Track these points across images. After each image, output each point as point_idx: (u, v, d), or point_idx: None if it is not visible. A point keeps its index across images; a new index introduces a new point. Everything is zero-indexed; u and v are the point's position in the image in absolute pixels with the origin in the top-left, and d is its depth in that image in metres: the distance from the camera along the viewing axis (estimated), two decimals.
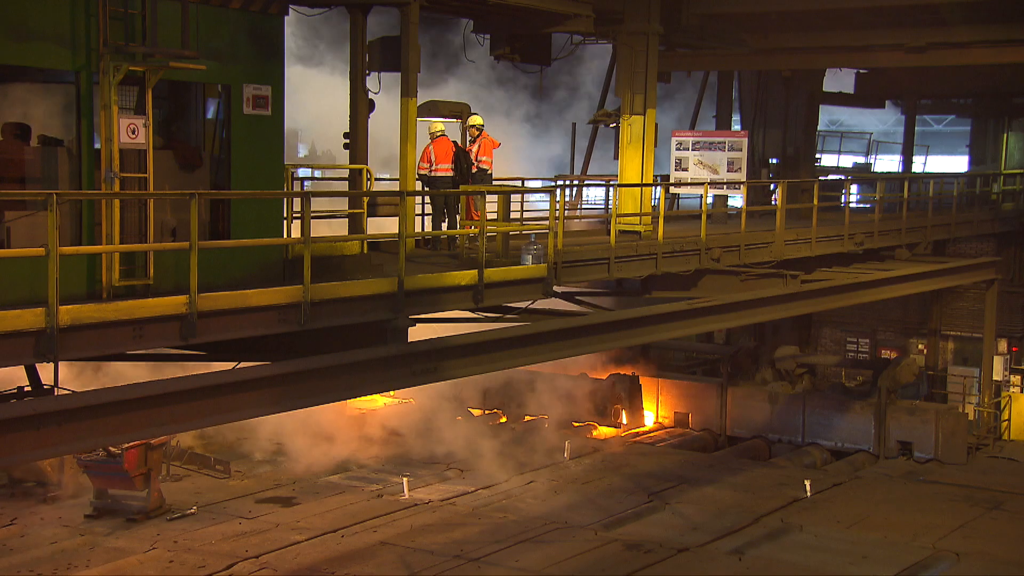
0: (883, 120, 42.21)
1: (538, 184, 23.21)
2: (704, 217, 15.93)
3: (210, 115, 10.10)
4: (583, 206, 26.73)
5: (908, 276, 19.75)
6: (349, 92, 13.40)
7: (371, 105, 13.30)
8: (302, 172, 16.39)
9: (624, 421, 23.53)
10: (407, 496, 18.48)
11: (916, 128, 30.63)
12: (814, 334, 26.81)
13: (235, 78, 9.80)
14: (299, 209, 10.53)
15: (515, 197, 19.33)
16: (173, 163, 9.69)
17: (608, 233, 14.34)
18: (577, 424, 23.64)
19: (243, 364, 10.22)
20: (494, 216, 13.65)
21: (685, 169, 19.51)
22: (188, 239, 8.82)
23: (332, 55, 25.83)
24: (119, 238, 8.95)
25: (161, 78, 9.16)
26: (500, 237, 12.97)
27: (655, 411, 24.30)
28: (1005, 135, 28.68)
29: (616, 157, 17.69)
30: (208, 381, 9.41)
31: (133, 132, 8.99)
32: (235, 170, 9.96)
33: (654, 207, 16.61)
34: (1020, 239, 25.15)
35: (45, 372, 9.53)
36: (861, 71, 28.02)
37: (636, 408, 23.86)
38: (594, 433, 23.47)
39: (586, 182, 25.85)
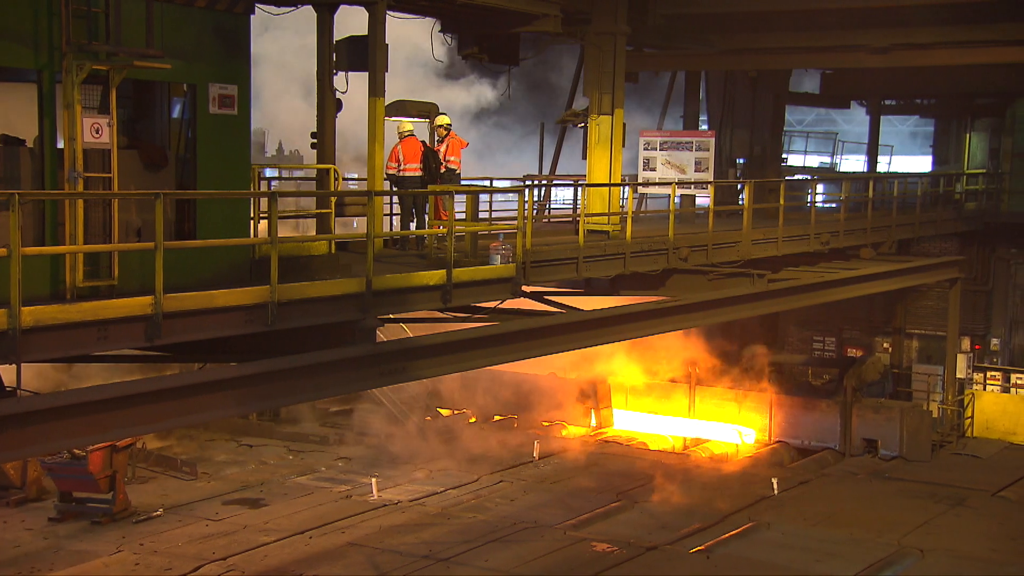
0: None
1: (506, 184, 23.21)
2: (672, 217, 16.00)
3: (176, 114, 10.02)
4: (552, 206, 26.75)
5: (873, 275, 19.94)
6: (316, 92, 13.34)
7: (338, 105, 13.24)
8: (269, 172, 16.31)
9: (593, 422, 23.48)
10: (376, 497, 18.44)
11: (882, 128, 30.92)
12: (781, 333, 26.96)
13: (201, 77, 9.73)
14: (266, 209, 10.47)
15: (484, 197, 19.35)
16: (138, 163, 9.60)
17: (576, 233, 14.36)
18: (545, 423, 23.64)
19: (210, 365, 10.16)
20: (462, 216, 13.64)
21: (653, 169, 19.59)
22: (153, 239, 8.75)
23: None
24: (83, 238, 8.86)
25: (125, 77, 9.08)
26: (468, 237, 12.96)
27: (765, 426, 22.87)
28: (967, 135, 28.97)
29: (584, 157, 17.73)
30: (174, 382, 9.35)
31: (97, 131, 8.91)
32: (201, 170, 9.88)
33: (622, 207, 16.66)
34: (983, 238, 25.44)
35: (7, 374, 9.42)
36: (827, 72, 28.24)
37: (604, 408, 23.81)
38: (562, 433, 23.47)
39: (554, 182, 25.87)
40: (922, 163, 38.72)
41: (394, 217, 15.72)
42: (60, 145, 8.88)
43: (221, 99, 9.83)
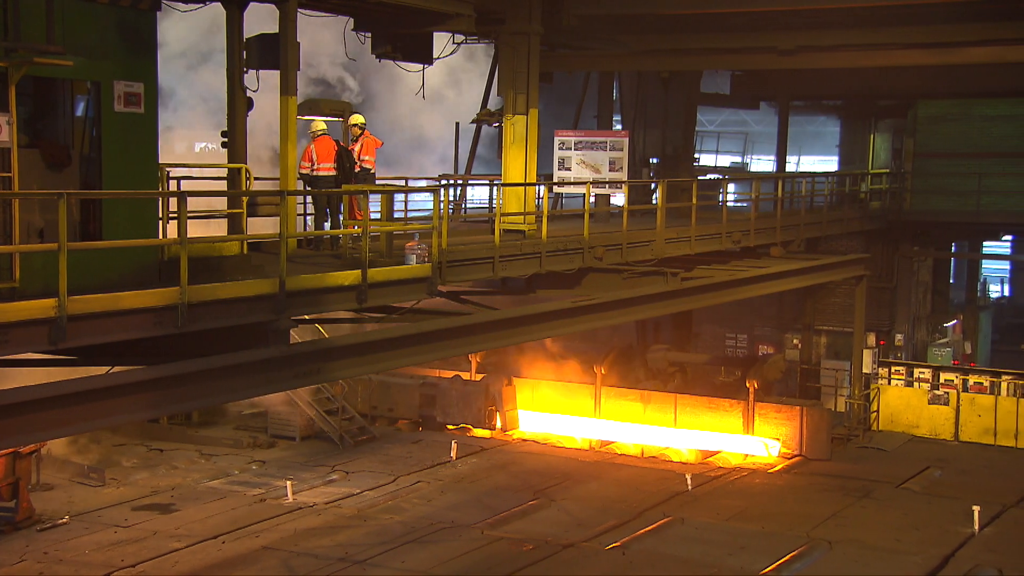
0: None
1: (422, 184, 23.13)
2: (587, 216, 16.11)
3: (80, 112, 9.77)
4: (467, 206, 26.74)
5: (783, 273, 20.33)
6: (227, 90, 13.13)
7: (249, 103, 13.05)
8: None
9: (498, 424, 23.21)
10: (291, 500, 18.22)
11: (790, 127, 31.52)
12: (695, 330, 27.35)
13: (105, 74, 9.50)
14: (175, 209, 10.27)
15: (399, 197, 19.26)
16: (40, 162, 9.34)
17: (492, 232, 14.38)
18: (451, 427, 23.33)
19: (119, 368, 9.93)
20: (377, 216, 13.56)
21: (568, 168, 19.70)
22: (57, 240, 8.52)
23: None
24: None
25: (25, 74, 8.83)
26: (384, 237, 12.89)
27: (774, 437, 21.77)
28: (871, 136, 29.79)
29: (500, 156, 17.76)
30: (81, 386, 9.11)
31: None
32: (107, 169, 9.66)
33: (538, 206, 16.74)
34: (887, 237, 26.17)
35: None
36: (736, 73, 28.72)
37: (510, 410, 23.49)
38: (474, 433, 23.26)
39: (470, 182, 25.85)
40: (828, 163, 39.67)
41: (308, 217, 15.56)
42: None
43: (127, 97, 9.62)
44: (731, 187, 28.26)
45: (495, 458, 21.26)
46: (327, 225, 14.22)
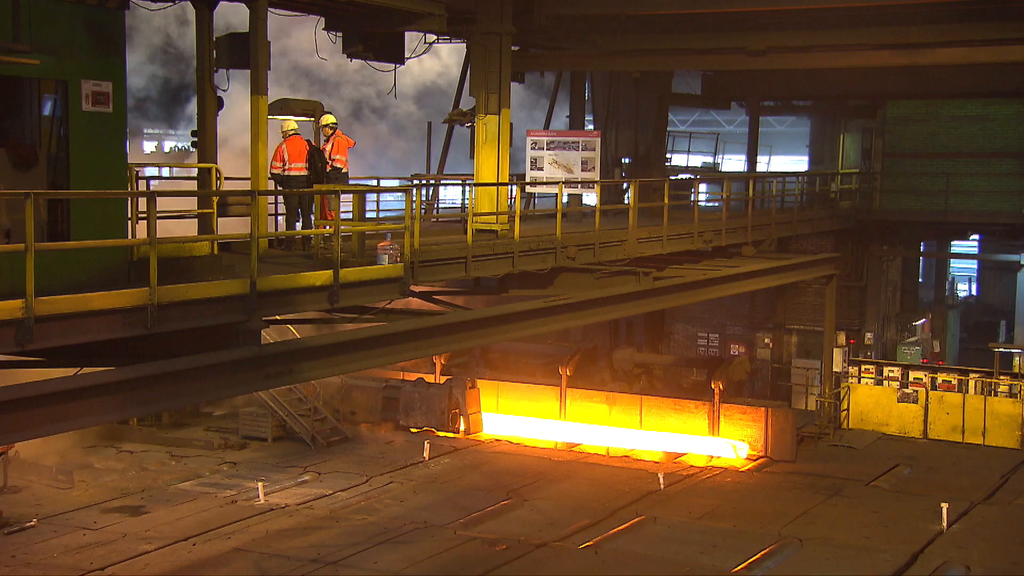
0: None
1: (394, 183, 23.10)
2: (559, 216, 16.14)
3: (47, 112, 9.68)
4: (440, 206, 26.72)
5: (754, 272, 20.43)
6: (196, 90, 13.05)
7: (219, 103, 12.97)
8: (149, 171, 15.93)
9: (462, 427, 23.16)
10: (263, 501, 18.13)
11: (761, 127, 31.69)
12: (666, 330, 27.45)
13: (72, 73, 9.41)
14: (145, 209, 10.19)
15: (371, 196, 19.22)
16: (6, 162, 9.25)
17: (465, 232, 14.37)
18: (414, 430, 23.12)
19: (87, 369, 9.85)
20: (349, 216, 13.51)
21: (540, 168, 19.73)
22: (24, 241, 8.43)
23: None
24: None
25: None
26: (356, 237, 12.85)
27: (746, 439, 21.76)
28: (841, 136, 29.99)
29: (472, 156, 17.76)
30: (49, 388, 9.03)
31: None
32: (75, 169, 9.56)
33: (510, 206, 16.74)
34: (856, 236, 26.37)
35: None
36: (707, 73, 28.84)
37: (473, 413, 23.21)
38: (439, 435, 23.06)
39: (442, 182, 25.84)
40: (799, 163, 39.90)
41: (279, 217, 15.48)
42: None
43: (95, 96, 9.53)
44: (703, 187, 28.44)
45: (468, 458, 21.25)
46: (299, 225, 14.16)
